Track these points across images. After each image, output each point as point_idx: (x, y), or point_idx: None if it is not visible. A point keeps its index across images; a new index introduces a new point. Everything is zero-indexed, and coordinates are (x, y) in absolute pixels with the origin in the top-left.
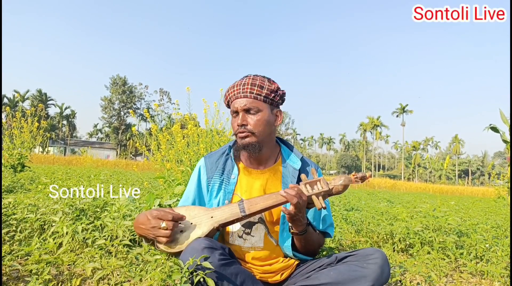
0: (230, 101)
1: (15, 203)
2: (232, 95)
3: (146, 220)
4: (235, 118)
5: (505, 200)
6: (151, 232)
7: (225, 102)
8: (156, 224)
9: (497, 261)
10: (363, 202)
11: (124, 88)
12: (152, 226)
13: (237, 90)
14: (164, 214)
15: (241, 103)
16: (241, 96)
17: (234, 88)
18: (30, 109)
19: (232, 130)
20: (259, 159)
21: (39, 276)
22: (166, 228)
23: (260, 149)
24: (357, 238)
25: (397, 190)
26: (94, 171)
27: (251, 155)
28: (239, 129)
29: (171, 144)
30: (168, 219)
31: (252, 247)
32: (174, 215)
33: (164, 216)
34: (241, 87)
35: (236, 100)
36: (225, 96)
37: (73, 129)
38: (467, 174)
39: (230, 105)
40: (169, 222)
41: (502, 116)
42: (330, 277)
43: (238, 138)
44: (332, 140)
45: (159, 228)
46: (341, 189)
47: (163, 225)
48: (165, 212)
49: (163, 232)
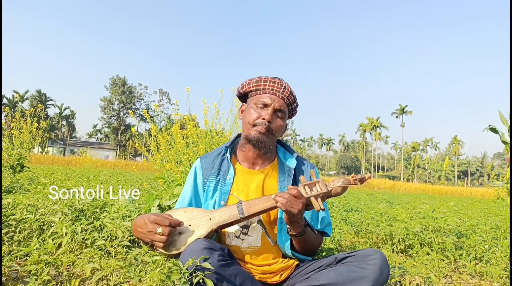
0: (261, 92)
1: (14, 204)
2: (269, 88)
3: (143, 223)
4: (259, 110)
5: (504, 201)
6: (147, 236)
7: (246, 88)
8: (152, 229)
9: (496, 262)
10: (362, 203)
11: (123, 88)
12: (149, 231)
13: (277, 88)
14: (162, 220)
15: (277, 103)
16: (279, 96)
17: (273, 84)
18: (29, 110)
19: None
20: (258, 159)
21: (38, 276)
22: (162, 234)
23: (266, 151)
24: (356, 239)
25: (397, 191)
26: (94, 171)
27: (256, 151)
28: (263, 123)
29: (170, 145)
30: (165, 224)
31: (250, 247)
32: (171, 221)
33: (161, 222)
34: (282, 88)
35: (271, 96)
36: (255, 84)
37: (73, 130)
38: (466, 175)
39: (255, 95)
40: (165, 228)
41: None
42: (330, 278)
43: (253, 131)
44: (331, 140)
45: (156, 233)
46: (340, 191)
47: (159, 231)
48: (163, 217)
49: (159, 238)
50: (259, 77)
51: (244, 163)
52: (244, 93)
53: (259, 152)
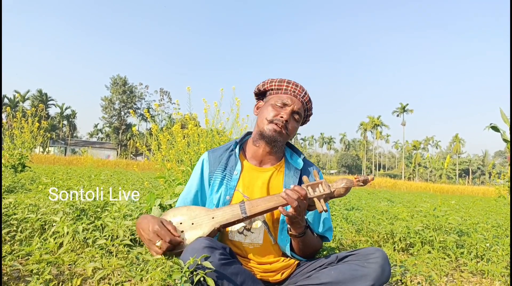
0: (282, 92)
1: (16, 203)
2: (291, 90)
3: (146, 229)
4: (280, 109)
5: (506, 199)
6: (146, 243)
7: (266, 86)
8: (153, 239)
9: (497, 260)
10: (363, 202)
11: (124, 88)
12: (149, 239)
13: (299, 92)
14: (164, 235)
15: (296, 105)
16: (299, 99)
17: (296, 87)
18: (30, 109)
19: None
20: (266, 157)
21: (40, 276)
22: (159, 247)
23: (277, 150)
24: (357, 237)
25: (398, 190)
26: (95, 171)
27: (267, 148)
28: (281, 122)
29: (171, 144)
30: (165, 240)
31: (252, 244)
32: (172, 239)
33: (162, 236)
34: (302, 92)
35: (292, 97)
36: (277, 84)
37: (74, 129)
38: (467, 173)
39: (276, 94)
40: (164, 243)
41: (502, 115)
42: (331, 277)
43: (270, 127)
44: (332, 139)
45: (154, 244)
46: (342, 192)
47: (158, 244)
48: (166, 232)
49: (155, 250)
50: (282, 78)
51: (251, 160)
52: (264, 90)
53: (270, 150)
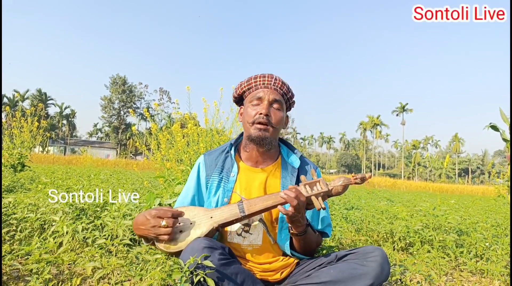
0: (253, 89)
1: (15, 203)
2: (260, 83)
3: (145, 220)
4: (255, 106)
5: (505, 198)
6: (151, 231)
7: (240, 91)
8: (156, 223)
9: (497, 260)
10: (363, 201)
11: (124, 87)
12: (152, 226)
13: (268, 81)
14: (163, 212)
15: (271, 95)
16: (271, 88)
17: (264, 78)
18: (30, 109)
19: (243, 121)
20: (261, 157)
21: (40, 275)
22: (166, 225)
23: (269, 147)
24: (357, 237)
25: (397, 189)
26: (94, 170)
27: (260, 150)
28: (261, 118)
29: (171, 144)
30: (168, 216)
31: (251, 245)
32: (173, 212)
33: (163, 214)
34: (273, 80)
35: (263, 89)
36: (247, 84)
37: (73, 129)
38: (467, 172)
39: (249, 94)
40: (169, 219)
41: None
42: (331, 275)
43: (254, 129)
44: (332, 139)
45: (160, 226)
46: (340, 190)
47: (163, 223)
48: (164, 210)
49: (164, 230)
50: (250, 77)
51: (247, 161)
52: (239, 95)
53: (262, 150)
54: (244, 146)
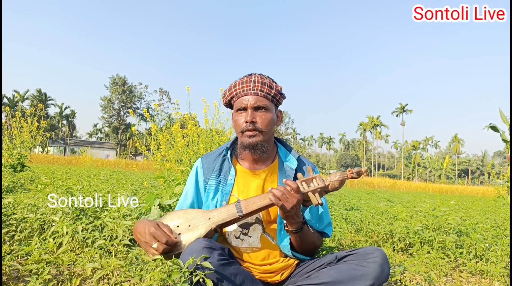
0: (236, 97)
1: (15, 203)
2: (240, 91)
3: (143, 232)
4: (241, 115)
5: (505, 199)
6: (143, 245)
7: (225, 100)
8: (149, 241)
9: (496, 261)
10: (363, 202)
11: (123, 87)
12: (145, 242)
13: (247, 87)
14: (160, 235)
15: (251, 101)
16: (251, 93)
17: (242, 84)
18: (29, 109)
19: (234, 129)
20: (258, 160)
21: (39, 276)
22: (156, 249)
23: (266, 150)
24: (357, 237)
25: (397, 190)
26: (94, 171)
27: (255, 155)
28: (248, 126)
29: (170, 144)
30: (161, 242)
31: (250, 247)
32: (168, 240)
33: (159, 238)
34: (251, 84)
35: (245, 97)
36: (229, 93)
37: (73, 129)
38: (467, 173)
39: (234, 102)
40: (161, 245)
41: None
42: (331, 276)
43: (244, 137)
44: (332, 139)
45: (151, 246)
46: (337, 185)
47: (154, 246)
48: (162, 233)
49: (152, 252)
50: (231, 84)
51: (244, 163)
52: (227, 103)
53: (257, 155)
54: (240, 153)
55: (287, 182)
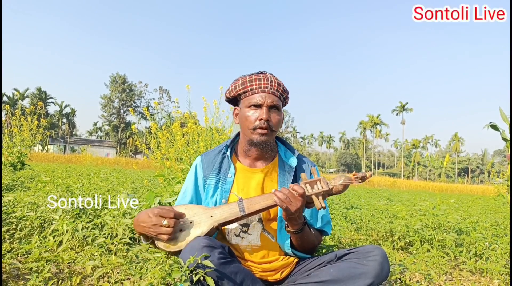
0: (250, 93)
1: (15, 201)
2: (257, 87)
3: (147, 217)
4: (255, 111)
5: (505, 198)
6: (152, 229)
7: (233, 93)
8: (157, 222)
9: (496, 259)
10: (362, 200)
11: (123, 86)
12: (154, 224)
13: (264, 85)
14: (166, 212)
15: (269, 99)
16: (268, 92)
17: (259, 81)
18: (29, 107)
19: (242, 124)
20: (260, 158)
21: (39, 274)
22: (168, 225)
23: (269, 148)
24: (356, 236)
25: (397, 188)
26: (94, 169)
27: (263, 153)
28: (262, 123)
29: (170, 142)
30: (170, 216)
31: (250, 245)
32: (175, 213)
33: (165, 214)
34: (269, 83)
35: (261, 94)
36: (242, 87)
37: (73, 127)
38: (466, 172)
39: (246, 97)
40: (170, 219)
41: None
42: (330, 275)
43: (255, 134)
44: (332, 138)
45: (161, 225)
46: (341, 188)
47: (165, 223)
48: (167, 210)
49: (165, 230)
50: (243, 78)
51: (245, 161)
52: (233, 97)
53: (262, 152)
54: (246, 151)
55: (294, 187)
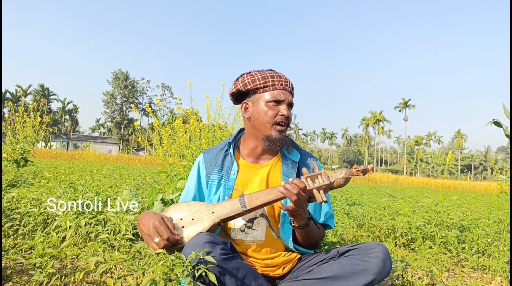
0: (270, 88)
1: (19, 197)
2: (278, 84)
3: (147, 224)
4: (275, 107)
5: (508, 195)
6: (145, 238)
7: (250, 86)
8: (152, 235)
9: (498, 256)
10: (365, 197)
11: (126, 82)
12: (148, 234)
13: (285, 83)
14: (162, 232)
15: (289, 97)
16: (288, 90)
17: (280, 78)
18: (32, 104)
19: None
20: (264, 153)
21: (43, 269)
22: (157, 244)
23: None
24: (359, 232)
25: (399, 185)
26: (97, 165)
27: (270, 148)
28: (283, 119)
29: (173, 139)
30: (163, 237)
31: (254, 241)
32: (170, 237)
33: (161, 233)
34: (287, 81)
35: (283, 91)
36: (262, 81)
37: (76, 124)
38: (469, 169)
39: (264, 92)
40: (162, 241)
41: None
42: (332, 271)
43: (273, 130)
44: (334, 135)
45: (152, 239)
46: (342, 182)
47: (156, 241)
48: (165, 229)
49: (153, 246)
50: (261, 73)
51: (248, 158)
52: (247, 90)
53: (271, 148)
54: (251, 145)
55: (294, 181)
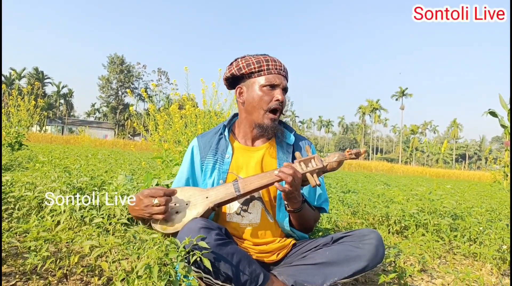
0: (265, 72)
1: (13, 181)
2: (273, 68)
3: (138, 200)
4: (269, 91)
5: (501, 184)
6: (145, 211)
7: (245, 71)
8: (148, 203)
9: (490, 244)
10: (360, 185)
11: (121, 67)
12: (145, 205)
13: (279, 67)
14: (155, 191)
15: (284, 82)
16: (283, 75)
17: (275, 63)
18: (26, 87)
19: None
20: (260, 137)
21: (38, 252)
22: (159, 204)
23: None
24: (353, 219)
25: (394, 173)
26: (92, 150)
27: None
28: (278, 104)
29: (169, 125)
30: (160, 195)
31: (250, 224)
32: (165, 191)
33: (155, 193)
34: (282, 66)
35: (277, 75)
36: (257, 65)
37: (71, 108)
38: (464, 158)
39: (259, 76)
40: (161, 198)
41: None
42: (326, 257)
43: (267, 118)
44: (330, 122)
45: (153, 205)
46: (335, 165)
47: (156, 202)
48: (156, 189)
49: (157, 209)
50: (256, 57)
51: (242, 140)
52: (241, 75)
53: (263, 134)
54: (245, 129)
55: (285, 165)
